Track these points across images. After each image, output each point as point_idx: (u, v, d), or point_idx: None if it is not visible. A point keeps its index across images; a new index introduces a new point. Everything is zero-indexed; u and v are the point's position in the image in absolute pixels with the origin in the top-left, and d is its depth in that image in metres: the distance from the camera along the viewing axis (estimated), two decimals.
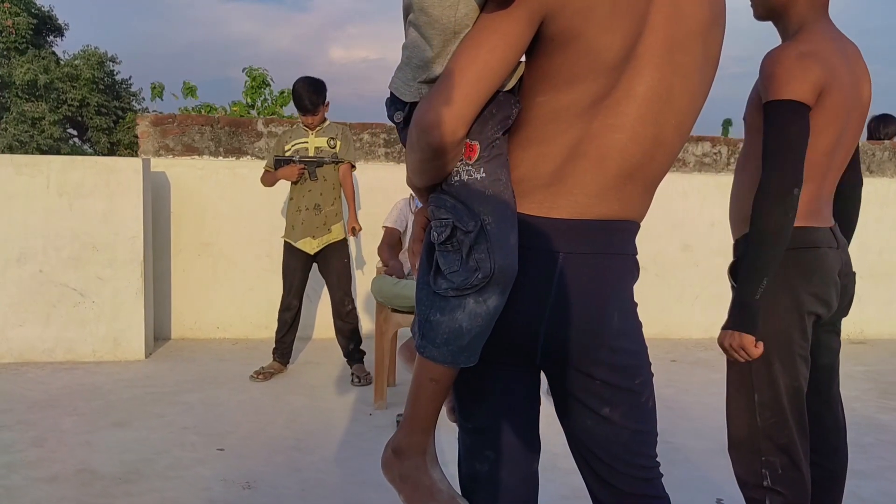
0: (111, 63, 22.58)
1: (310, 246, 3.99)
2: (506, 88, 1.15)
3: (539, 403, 1.32)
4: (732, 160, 5.49)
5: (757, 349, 1.65)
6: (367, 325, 4.28)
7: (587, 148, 1.14)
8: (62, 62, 21.52)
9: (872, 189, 4.31)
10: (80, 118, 21.57)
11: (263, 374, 4.06)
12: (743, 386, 1.75)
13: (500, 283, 1.12)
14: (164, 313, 4.98)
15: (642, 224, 1.28)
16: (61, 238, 4.33)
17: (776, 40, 1.82)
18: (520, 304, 1.16)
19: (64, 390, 3.81)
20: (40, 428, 3.23)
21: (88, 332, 4.39)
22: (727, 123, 22.34)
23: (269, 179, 4.12)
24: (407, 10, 1.17)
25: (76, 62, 21.50)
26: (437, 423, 1.27)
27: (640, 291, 1.25)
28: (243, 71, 11.39)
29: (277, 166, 4.00)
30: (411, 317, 3.57)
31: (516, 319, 1.17)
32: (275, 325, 4.83)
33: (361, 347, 4.17)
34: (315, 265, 4.14)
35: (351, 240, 4.18)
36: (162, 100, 11.41)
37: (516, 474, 1.30)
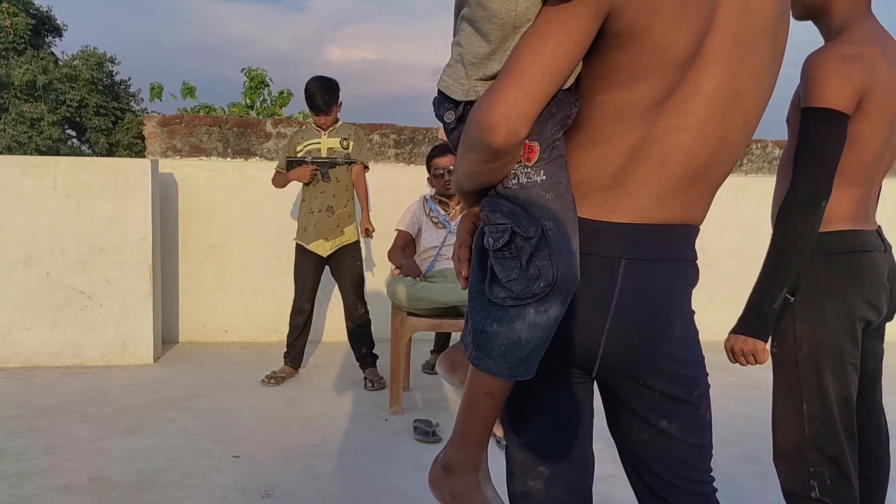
0: (110, 63, 22.51)
1: (322, 248, 3.94)
2: (565, 87, 1.10)
3: (593, 417, 1.26)
4: (747, 161, 5.45)
5: (765, 356, 1.62)
6: (378, 327, 4.22)
7: (650, 149, 1.09)
8: (61, 63, 21.45)
9: None
10: (78, 119, 21.49)
11: (275, 379, 4.00)
12: (791, 395, 1.70)
13: (562, 292, 1.07)
14: (172, 316, 4.92)
15: None
16: (68, 240, 4.27)
17: (811, 40, 1.77)
18: (580, 313, 1.11)
19: (73, 395, 3.75)
20: (51, 434, 3.17)
21: (96, 336, 4.33)
22: None
23: (280, 181, 4.06)
24: (460, 5, 1.11)
25: (75, 63, 21.43)
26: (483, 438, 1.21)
27: None
28: (242, 71, 11.31)
29: (289, 167, 3.94)
30: (427, 320, 3.52)
31: (576, 329, 1.12)
32: (284, 329, 4.77)
33: (374, 351, 4.11)
34: (327, 268, 4.08)
35: (362, 241, 4.12)
36: (161, 100, 11.36)
37: (572, 492, 1.24)
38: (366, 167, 4.01)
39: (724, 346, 1.67)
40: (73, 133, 22.57)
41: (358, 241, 4.04)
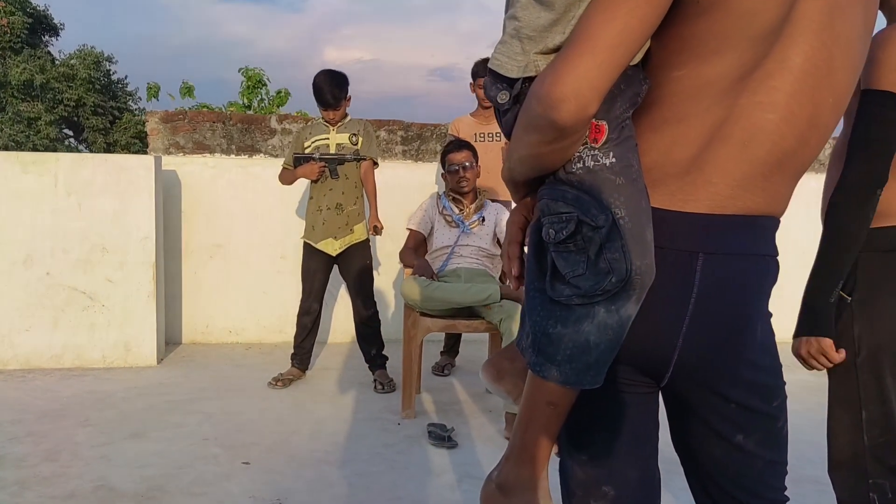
0: (108, 63, 22.40)
1: (331, 247, 3.82)
2: (632, 62, 0.99)
3: (659, 430, 1.15)
4: None
5: (839, 354, 1.52)
6: (386, 328, 4.11)
7: (732, 129, 0.98)
8: (58, 62, 21.31)
9: None
10: (76, 118, 21.38)
11: (282, 381, 3.88)
12: (849, 402, 1.59)
13: (636, 288, 0.96)
14: (175, 317, 4.80)
15: None
16: (70, 239, 4.15)
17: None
18: (652, 314, 1.00)
19: (74, 399, 3.63)
20: (52, 440, 3.06)
21: (98, 338, 4.21)
22: None
23: (288, 178, 3.95)
24: None
25: (72, 62, 21.30)
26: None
27: None
28: (239, 71, 11.27)
29: (297, 164, 3.83)
30: (441, 321, 3.41)
31: (648, 331, 1.01)
32: (290, 329, 4.65)
33: (384, 352, 4.00)
34: (335, 267, 3.97)
35: (370, 239, 4.01)
36: (158, 100, 11.26)
37: None
38: (375, 163, 3.90)
39: (793, 352, 1.57)
40: (71, 132, 22.44)
41: (367, 240, 3.93)
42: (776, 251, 1.07)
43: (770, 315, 1.08)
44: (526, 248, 1.18)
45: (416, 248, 3.74)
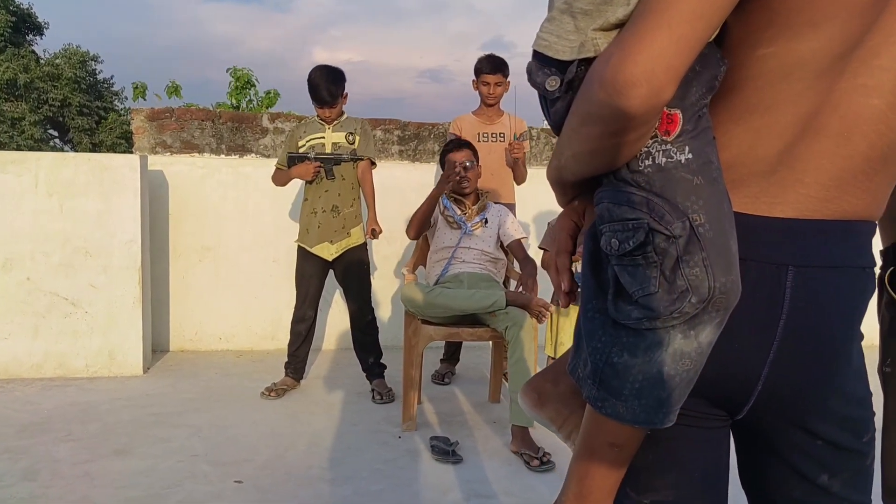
0: (93, 62, 22.11)
1: (327, 251, 3.65)
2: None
3: (729, 470, 0.99)
4: None
5: None
6: (384, 335, 3.94)
7: (828, 119, 0.82)
8: (42, 61, 21.00)
9: None
10: (61, 118, 21.08)
11: (276, 391, 3.70)
12: None
13: (719, 309, 0.80)
14: (162, 323, 4.61)
15: None
16: (51, 242, 3.95)
17: None
18: (735, 338, 0.85)
19: (56, 411, 3.44)
20: (32, 457, 2.87)
21: (81, 346, 4.02)
22: None
23: (281, 178, 3.78)
24: None
25: (57, 61, 21.00)
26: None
27: None
28: (227, 71, 11.16)
29: (291, 164, 3.65)
30: (443, 329, 3.24)
31: (729, 358, 0.86)
32: (283, 336, 4.48)
33: (382, 361, 3.84)
34: (331, 271, 3.80)
35: (368, 243, 3.83)
36: (145, 100, 11.09)
37: None
38: (373, 164, 3.73)
39: (878, 371, 1.41)
40: (56, 133, 22.13)
41: (365, 244, 3.76)
42: (874, 261, 0.91)
43: (862, 337, 0.93)
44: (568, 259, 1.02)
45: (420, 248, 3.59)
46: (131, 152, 4.62)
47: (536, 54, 0.91)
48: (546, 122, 0.99)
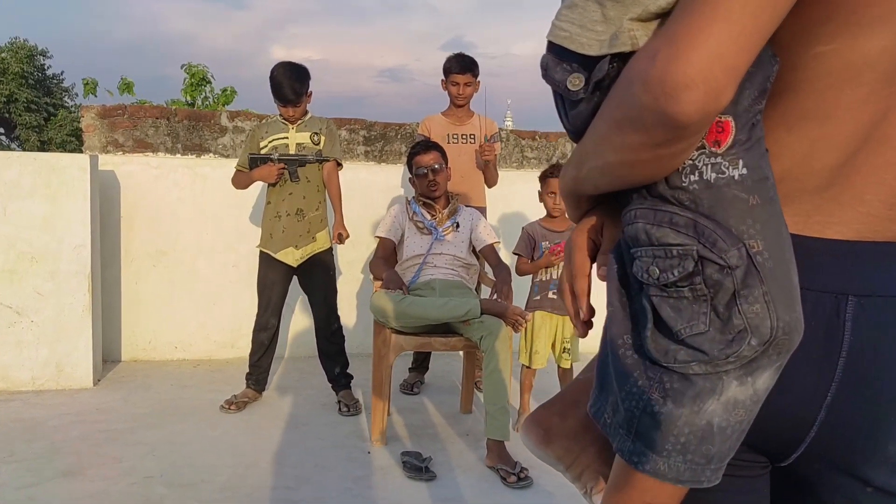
0: (41, 57, 21.42)
1: (292, 257, 3.48)
2: None
3: None
4: None
5: None
6: (349, 342, 3.77)
7: (893, 129, 0.72)
8: None
9: None
10: (7, 115, 20.35)
11: (236, 404, 3.52)
12: None
13: (781, 352, 0.69)
14: (113, 332, 4.38)
15: None
16: None
17: None
18: (789, 379, 0.73)
19: None
20: None
21: (26, 357, 3.77)
22: None
23: (242, 181, 3.59)
24: None
25: (3, 55, 20.27)
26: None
27: None
28: (182, 68, 10.99)
29: (252, 165, 3.48)
30: (415, 338, 3.10)
31: (781, 402, 0.74)
32: (242, 344, 4.32)
33: (348, 371, 3.68)
34: (295, 278, 3.63)
35: (334, 248, 3.67)
36: (96, 96, 10.75)
37: None
38: (339, 165, 3.58)
39: None
40: (2, 130, 21.37)
41: (331, 249, 3.60)
42: None
43: None
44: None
45: (387, 258, 3.43)
46: (81, 151, 4.38)
47: (554, 47, 0.78)
48: (563, 125, 0.86)
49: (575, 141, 0.85)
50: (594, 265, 0.91)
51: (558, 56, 0.78)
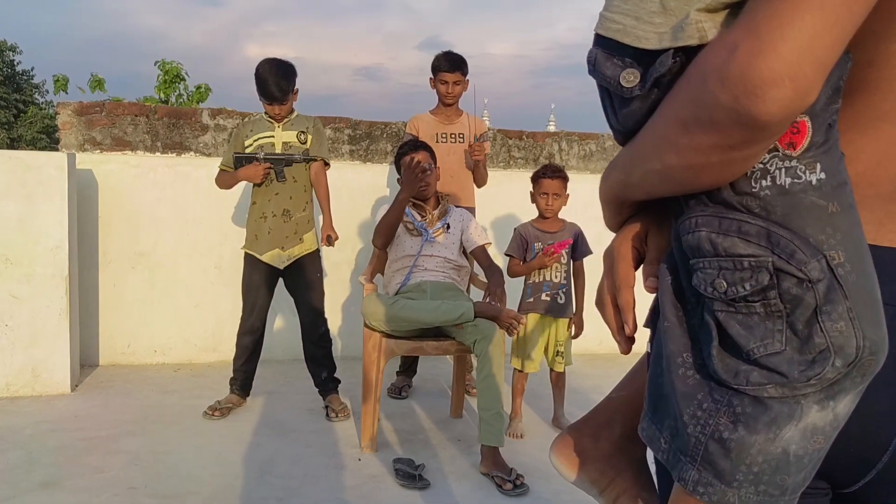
0: (11, 52, 20.98)
1: (279, 259, 3.39)
2: None
3: None
4: None
5: None
6: (336, 344, 3.69)
7: None
8: None
9: None
10: None
11: (220, 411, 3.42)
12: None
13: (865, 374, 0.63)
14: (91, 336, 4.25)
15: (604, 230, 0.85)
16: None
17: None
18: (863, 400, 0.68)
19: None
20: None
21: (1, 362, 3.63)
22: None
23: (227, 181, 3.49)
24: None
25: None
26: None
27: None
28: (155, 64, 10.85)
29: (237, 165, 3.38)
30: (406, 343, 3.03)
31: (853, 426, 0.69)
32: (224, 348, 4.23)
33: (336, 375, 3.60)
34: (281, 280, 3.53)
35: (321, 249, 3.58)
36: (66, 93, 10.55)
37: None
38: (326, 164, 3.49)
39: None
40: None
41: (318, 250, 3.51)
42: None
43: None
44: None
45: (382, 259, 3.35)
46: (54, 148, 4.25)
47: (603, 41, 0.72)
48: (610, 124, 0.80)
49: (622, 142, 0.79)
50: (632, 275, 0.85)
51: (608, 50, 0.72)
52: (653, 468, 0.96)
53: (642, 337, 0.84)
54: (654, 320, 0.84)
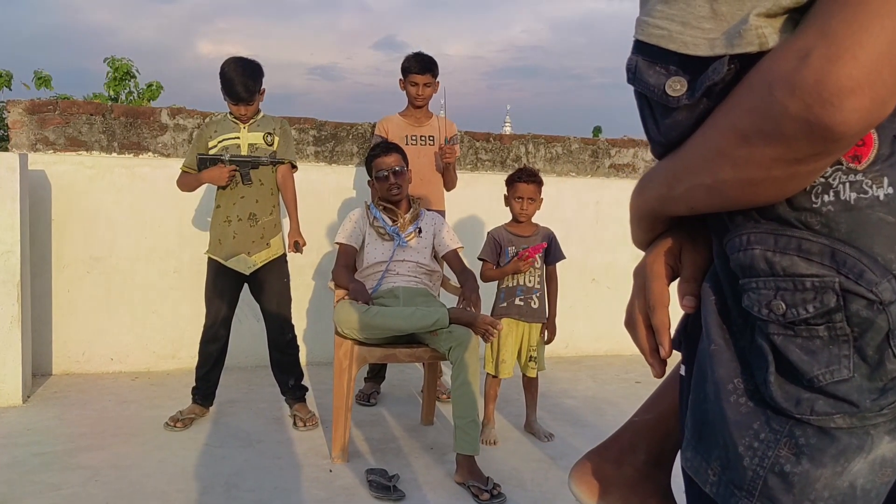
0: None
1: (244, 265, 3.28)
2: None
3: None
4: None
5: None
6: (301, 352, 3.59)
7: None
8: None
9: None
10: None
11: (182, 422, 3.30)
12: None
13: None
14: (44, 344, 4.07)
15: (593, 235, 0.82)
16: None
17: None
18: None
19: None
20: None
21: None
22: (597, 131, 23.00)
23: (189, 183, 3.37)
24: None
25: None
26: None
27: (592, 305, 0.82)
28: (105, 61, 10.61)
29: (201, 166, 3.26)
30: (378, 350, 2.96)
31: None
32: (184, 355, 4.12)
33: (303, 383, 3.50)
34: (245, 285, 3.43)
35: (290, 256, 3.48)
36: (10, 90, 10.22)
37: None
38: (294, 167, 3.40)
39: None
40: None
41: (285, 255, 3.41)
42: None
43: None
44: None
45: (350, 266, 3.26)
46: (4, 148, 4.06)
47: (644, 47, 0.67)
48: (648, 135, 0.75)
49: (660, 154, 0.74)
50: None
51: (650, 57, 0.67)
52: (677, 495, 0.92)
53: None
54: (685, 341, 0.80)
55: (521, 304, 3.23)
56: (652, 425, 0.92)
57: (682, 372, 0.79)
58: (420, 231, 3.30)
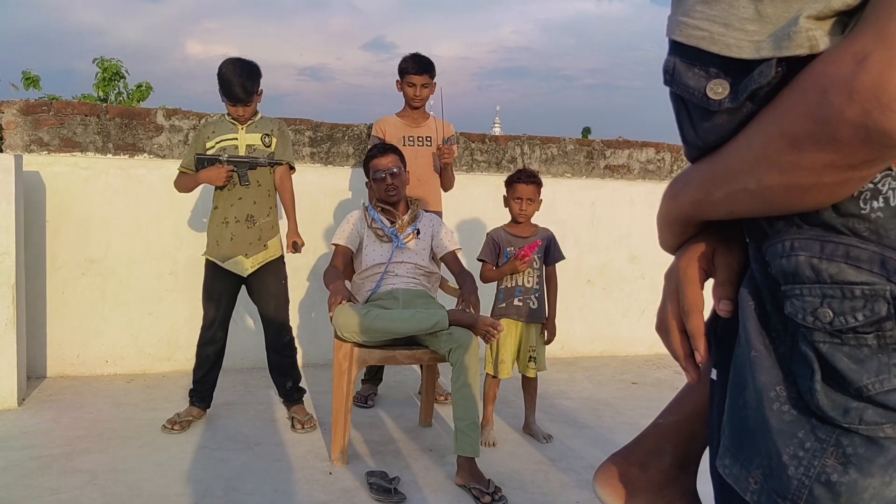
0: None
1: (242, 267, 3.26)
2: None
3: None
4: (676, 167, 5.26)
5: None
6: (298, 353, 3.58)
7: None
8: None
9: None
10: None
11: (180, 424, 3.28)
12: None
13: None
14: (39, 346, 4.04)
15: (589, 236, 0.82)
16: None
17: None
18: None
19: None
20: None
21: None
22: (586, 131, 23.04)
23: (187, 183, 3.36)
24: None
25: None
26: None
27: (587, 306, 0.82)
28: (94, 61, 10.54)
29: (199, 167, 3.25)
30: (378, 352, 2.96)
31: None
32: (180, 357, 4.11)
33: (301, 385, 3.49)
34: (242, 287, 3.41)
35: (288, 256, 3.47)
36: None
37: None
38: (292, 168, 3.39)
39: None
40: None
41: (282, 257, 3.40)
42: None
43: None
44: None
45: (343, 268, 3.25)
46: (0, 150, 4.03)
47: (682, 48, 0.67)
48: (685, 138, 0.74)
49: (695, 157, 0.73)
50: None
51: (688, 59, 0.66)
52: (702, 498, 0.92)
53: (642, 337, 0.80)
54: (716, 345, 0.80)
55: (520, 304, 3.23)
56: (677, 428, 0.92)
57: (714, 376, 0.79)
58: (419, 232, 3.30)
